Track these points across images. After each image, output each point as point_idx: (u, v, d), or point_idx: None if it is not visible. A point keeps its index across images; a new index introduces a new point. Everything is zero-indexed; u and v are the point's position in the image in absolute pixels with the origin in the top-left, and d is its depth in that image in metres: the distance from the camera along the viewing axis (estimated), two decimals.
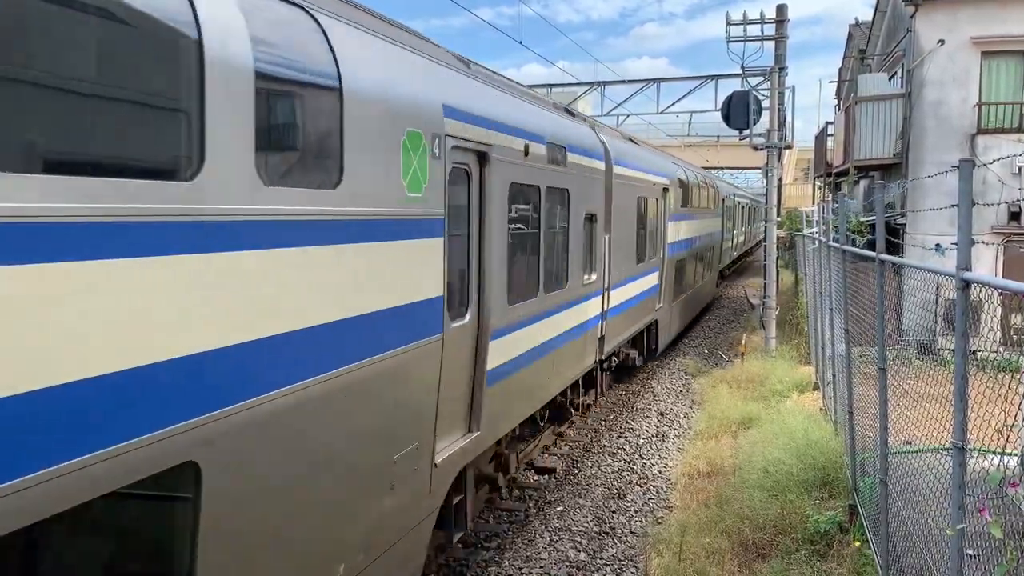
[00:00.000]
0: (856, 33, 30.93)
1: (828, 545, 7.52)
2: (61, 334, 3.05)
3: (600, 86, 24.70)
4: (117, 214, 3.25)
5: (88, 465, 3.15)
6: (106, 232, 3.20)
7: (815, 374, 14.05)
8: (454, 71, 6.92)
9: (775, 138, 19.02)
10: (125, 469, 3.32)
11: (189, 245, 3.59)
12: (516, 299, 7.94)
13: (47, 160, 3.13)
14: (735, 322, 24.81)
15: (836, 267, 9.36)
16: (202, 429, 3.72)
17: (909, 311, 6.30)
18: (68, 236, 3.05)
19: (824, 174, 28.63)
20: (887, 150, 19.93)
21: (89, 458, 3.16)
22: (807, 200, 43.14)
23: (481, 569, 7.92)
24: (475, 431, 7.12)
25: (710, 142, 44.87)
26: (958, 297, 3.82)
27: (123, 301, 3.29)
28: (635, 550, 8.39)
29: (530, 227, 8.44)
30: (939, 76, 18.32)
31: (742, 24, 19.06)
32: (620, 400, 14.92)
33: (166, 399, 3.53)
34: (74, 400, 3.10)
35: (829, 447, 9.24)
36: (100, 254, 3.18)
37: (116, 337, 3.27)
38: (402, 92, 5.62)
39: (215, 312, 3.79)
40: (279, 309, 4.23)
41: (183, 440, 3.61)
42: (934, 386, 5.60)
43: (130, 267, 3.31)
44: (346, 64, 4.87)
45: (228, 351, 3.87)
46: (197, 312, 3.70)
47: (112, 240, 3.23)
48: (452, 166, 6.37)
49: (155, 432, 3.47)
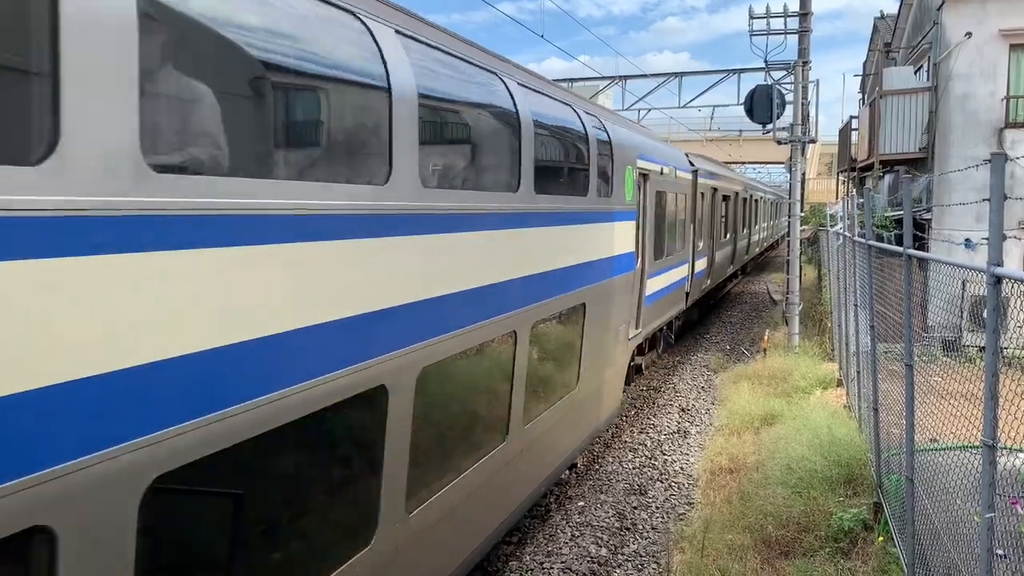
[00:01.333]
0: (881, 26, 30.60)
1: (852, 543, 7.45)
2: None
3: (622, 80, 24.58)
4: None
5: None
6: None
7: (839, 370, 13.93)
8: (640, 134, 12.92)
9: (799, 132, 18.84)
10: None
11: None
12: (658, 256, 13.87)
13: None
14: (757, 318, 24.66)
15: (862, 263, 9.27)
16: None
17: (935, 307, 6.23)
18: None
19: (848, 169, 28.37)
20: (913, 144, 19.70)
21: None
22: (830, 195, 42.79)
23: (502, 563, 7.93)
24: (640, 328, 12.91)
25: (732, 136, 44.58)
26: (989, 293, 3.76)
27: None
28: (657, 546, 8.37)
29: (665, 215, 14.36)
30: (966, 69, 18.07)
31: (765, 18, 18.91)
32: (641, 396, 14.87)
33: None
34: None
35: (853, 444, 9.16)
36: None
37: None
38: (628, 146, 10.85)
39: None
40: (585, 253, 8.73)
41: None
42: (960, 383, 5.54)
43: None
44: (613, 134, 10.11)
45: (566, 272, 8.11)
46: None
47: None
48: (636, 183, 11.46)
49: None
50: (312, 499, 4.52)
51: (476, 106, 6.61)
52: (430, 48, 5.55)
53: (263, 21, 4.06)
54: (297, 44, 4.30)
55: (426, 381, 5.21)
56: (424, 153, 5.18)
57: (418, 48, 5.29)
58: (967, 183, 15.63)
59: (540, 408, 7.83)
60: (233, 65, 3.85)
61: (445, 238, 5.50)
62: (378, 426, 4.86)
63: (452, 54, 5.93)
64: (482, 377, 6.71)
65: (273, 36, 4.12)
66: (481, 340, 6.17)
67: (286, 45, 4.22)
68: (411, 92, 4.93)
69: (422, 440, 5.29)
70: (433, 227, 5.30)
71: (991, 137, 18.02)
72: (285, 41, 4.21)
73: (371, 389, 4.63)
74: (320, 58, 4.54)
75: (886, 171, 22.06)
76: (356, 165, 4.82)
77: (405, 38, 5.10)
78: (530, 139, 6.95)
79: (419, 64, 5.19)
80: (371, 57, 4.69)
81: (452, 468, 5.97)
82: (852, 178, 27.73)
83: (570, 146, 8.84)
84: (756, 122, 19.28)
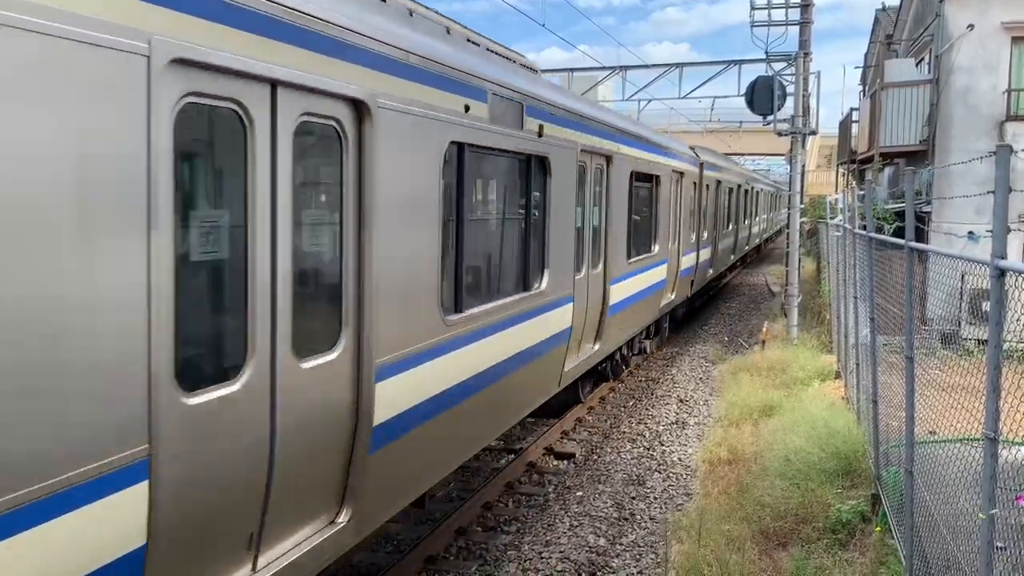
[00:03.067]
0: (883, 18, 30.50)
1: (850, 534, 7.48)
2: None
3: (622, 71, 24.50)
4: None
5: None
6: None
7: (837, 362, 13.95)
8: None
9: (800, 124, 18.81)
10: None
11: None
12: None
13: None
14: (755, 310, 24.67)
15: (862, 255, 9.26)
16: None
17: (934, 300, 6.23)
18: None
19: (848, 161, 28.33)
20: (913, 137, 19.68)
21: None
22: (830, 187, 42.73)
23: (501, 552, 7.94)
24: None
25: (732, 128, 44.48)
26: (992, 286, 3.75)
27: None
28: (655, 536, 8.39)
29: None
30: (968, 62, 18.04)
31: (766, 8, 18.84)
32: (639, 386, 14.88)
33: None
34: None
35: (852, 436, 9.17)
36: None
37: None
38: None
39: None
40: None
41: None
42: (959, 376, 5.54)
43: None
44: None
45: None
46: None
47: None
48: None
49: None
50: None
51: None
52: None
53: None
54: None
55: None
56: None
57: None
58: (968, 176, 15.61)
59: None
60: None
61: None
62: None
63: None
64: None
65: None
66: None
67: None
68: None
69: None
70: None
71: (992, 130, 18.00)
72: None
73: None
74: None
75: (886, 164, 22.04)
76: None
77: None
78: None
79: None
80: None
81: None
82: (852, 171, 27.69)
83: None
84: (757, 113, 19.24)
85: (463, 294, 6.46)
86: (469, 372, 6.47)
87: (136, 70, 3.26)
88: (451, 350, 6.11)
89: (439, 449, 6.26)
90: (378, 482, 5.21)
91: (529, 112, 7.69)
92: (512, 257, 7.91)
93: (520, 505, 9.22)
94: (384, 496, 5.43)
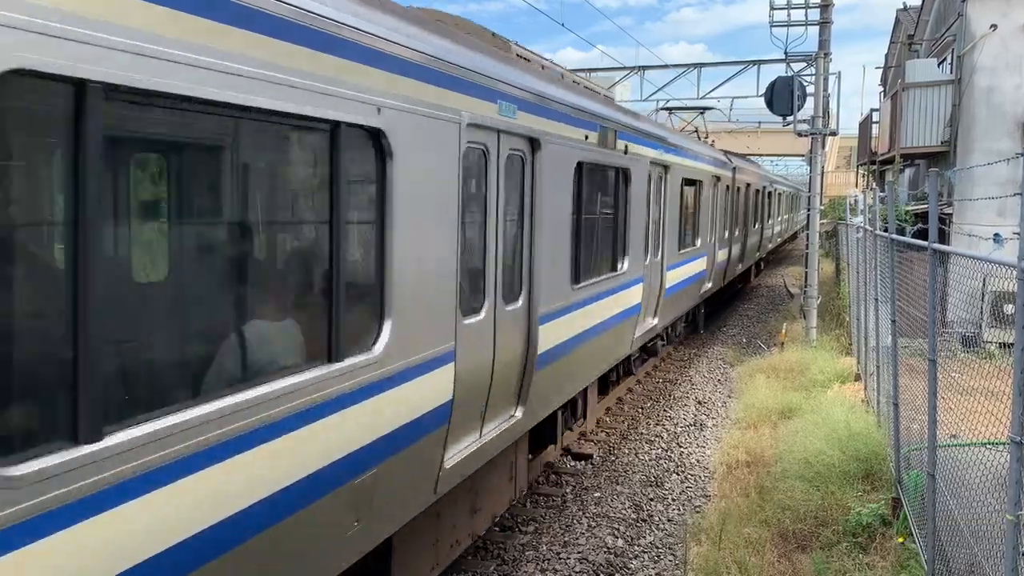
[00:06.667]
0: (904, 18, 30.29)
1: (870, 538, 7.43)
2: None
3: (640, 71, 24.46)
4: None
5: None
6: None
7: (857, 364, 13.86)
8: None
9: (820, 125, 18.70)
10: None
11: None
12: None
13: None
14: (773, 311, 24.54)
15: (884, 257, 9.20)
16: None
17: (954, 302, 6.20)
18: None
19: (868, 162, 28.14)
20: (935, 138, 19.52)
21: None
22: (849, 188, 42.42)
23: (518, 553, 7.96)
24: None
25: (751, 128, 44.26)
26: (1019, 288, 3.73)
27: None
28: (673, 538, 8.37)
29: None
30: (991, 62, 17.88)
31: (786, 9, 18.74)
32: (657, 388, 14.85)
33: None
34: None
35: (872, 439, 9.11)
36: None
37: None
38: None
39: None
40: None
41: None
42: (981, 379, 5.49)
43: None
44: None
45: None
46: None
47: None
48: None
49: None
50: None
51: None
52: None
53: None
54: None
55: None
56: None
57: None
58: (990, 178, 15.49)
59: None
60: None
61: None
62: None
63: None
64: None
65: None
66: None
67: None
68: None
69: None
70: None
71: (1015, 131, 17.83)
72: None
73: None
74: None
75: (907, 164, 21.88)
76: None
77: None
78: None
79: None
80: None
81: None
82: (872, 171, 27.51)
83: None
84: (776, 114, 19.14)
85: (580, 271, 8.78)
86: (583, 327, 8.91)
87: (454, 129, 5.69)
88: (574, 310, 8.58)
89: (567, 376, 8.71)
90: (537, 392, 7.56)
91: (620, 136, 10.00)
92: (606, 245, 10.13)
93: (538, 505, 9.22)
94: (539, 403, 7.79)
